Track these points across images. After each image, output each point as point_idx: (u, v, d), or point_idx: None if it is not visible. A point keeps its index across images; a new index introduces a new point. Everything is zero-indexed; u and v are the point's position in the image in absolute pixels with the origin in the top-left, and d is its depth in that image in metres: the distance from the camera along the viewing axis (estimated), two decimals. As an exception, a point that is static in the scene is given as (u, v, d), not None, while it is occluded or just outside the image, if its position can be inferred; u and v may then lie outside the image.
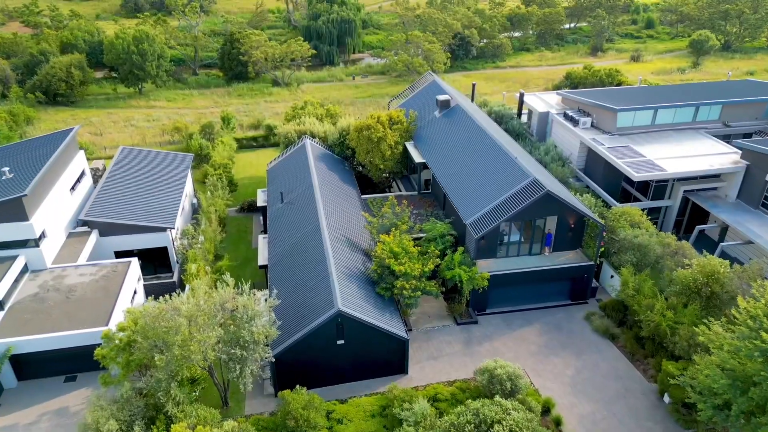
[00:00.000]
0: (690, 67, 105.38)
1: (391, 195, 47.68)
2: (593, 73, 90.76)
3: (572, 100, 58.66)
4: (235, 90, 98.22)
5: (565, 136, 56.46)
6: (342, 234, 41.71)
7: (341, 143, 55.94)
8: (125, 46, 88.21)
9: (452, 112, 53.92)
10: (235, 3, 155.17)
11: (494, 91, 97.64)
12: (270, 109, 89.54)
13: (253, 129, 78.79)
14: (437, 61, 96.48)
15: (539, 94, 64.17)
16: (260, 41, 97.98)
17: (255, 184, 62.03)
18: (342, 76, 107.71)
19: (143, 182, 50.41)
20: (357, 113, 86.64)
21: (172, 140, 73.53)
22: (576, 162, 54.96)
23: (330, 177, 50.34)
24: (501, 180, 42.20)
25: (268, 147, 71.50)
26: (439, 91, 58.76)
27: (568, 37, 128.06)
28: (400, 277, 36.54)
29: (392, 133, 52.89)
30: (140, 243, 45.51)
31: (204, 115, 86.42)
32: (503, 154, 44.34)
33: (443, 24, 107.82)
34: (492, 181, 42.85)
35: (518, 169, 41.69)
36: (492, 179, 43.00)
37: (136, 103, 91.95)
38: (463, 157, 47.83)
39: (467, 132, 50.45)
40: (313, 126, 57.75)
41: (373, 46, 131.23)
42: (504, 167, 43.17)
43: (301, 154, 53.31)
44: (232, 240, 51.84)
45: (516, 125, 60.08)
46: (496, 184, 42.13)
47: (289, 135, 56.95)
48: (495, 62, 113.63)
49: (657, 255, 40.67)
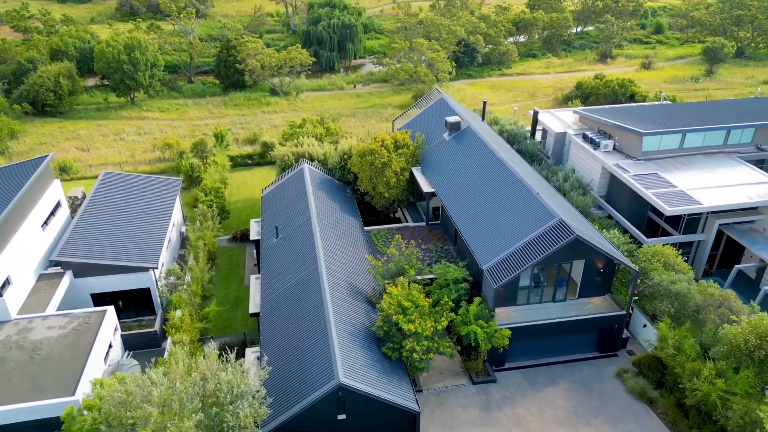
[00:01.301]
0: (703, 76, 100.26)
1: (397, 235, 42.67)
2: (605, 83, 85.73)
3: (591, 120, 53.63)
4: (231, 99, 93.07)
5: (585, 160, 51.45)
6: (343, 278, 36.74)
7: (342, 167, 50.95)
8: (115, 54, 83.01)
9: (463, 135, 48.88)
10: (234, 6, 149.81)
11: (501, 101, 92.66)
12: (267, 121, 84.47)
13: (249, 144, 73.74)
14: (442, 70, 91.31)
15: (554, 112, 59.11)
16: (257, 48, 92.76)
17: (249, 207, 57.03)
18: (343, 84, 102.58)
19: (125, 213, 45.40)
20: (358, 126, 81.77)
21: (163, 157, 68.45)
22: (597, 189, 49.96)
23: (330, 207, 45.35)
24: (521, 218, 37.22)
25: (264, 165, 66.43)
26: (447, 110, 53.73)
27: (575, 43, 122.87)
28: (409, 336, 31.60)
29: (398, 159, 47.88)
30: (120, 284, 40.54)
31: (198, 128, 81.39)
32: (523, 188, 39.32)
33: (447, 30, 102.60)
34: (511, 218, 37.87)
35: (541, 207, 36.68)
36: (511, 216, 38.01)
37: (127, 113, 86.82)
38: (476, 187, 42.82)
39: (480, 158, 45.43)
40: (312, 148, 52.73)
41: (375, 51, 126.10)
42: (524, 203, 38.16)
43: (299, 180, 48.30)
44: (222, 275, 46.86)
45: (530, 146, 55.05)
46: (516, 223, 37.15)
47: (286, 158, 51.90)
48: (501, 69, 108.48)
49: (697, 304, 35.77)
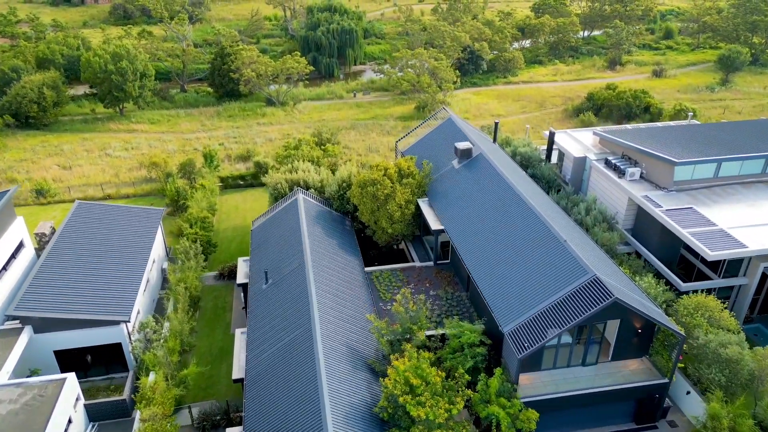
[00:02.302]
0: (719, 85, 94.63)
1: (404, 289, 37.24)
2: (618, 94, 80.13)
3: (613, 143, 48.08)
4: (225, 110, 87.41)
5: (608, 189, 45.92)
6: (340, 340, 31.28)
7: (341, 196, 45.46)
8: (102, 64, 77.35)
9: (474, 164, 43.35)
10: (231, 9, 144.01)
11: (509, 112, 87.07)
12: (263, 134, 78.89)
13: (242, 161, 68.17)
14: (446, 80, 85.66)
15: (571, 132, 53.55)
16: (252, 57, 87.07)
17: (239, 237, 51.53)
18: (342, 93, 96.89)
19: (97, 253, 39.90)
20: (358, 140, 76.22)
21: (149, 176, 62.88)
22: (622, 222, 44.45)
23: (326, 246, 39.86)
24: (547, 270, 31.73)
25: (257, 186, 60.87)
26: (455, 131, 48.21)
27: (583, 48, 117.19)
28: (418, 424, 26.17)
29: (402, 189, 42.35)
30: (87, 340, 35.12)
31: (188, 142, 75.81)
32: (548, 233, 33.81)
33: (451, 37, 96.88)
34: (534, 269, 32.39)
35: (571, 260, 31.19)
36: (534, 267, 32.53)
37: (115, 126, 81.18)
38: (492, 227, 37.33)
39: (495, 192, 39.91)
40: (308, 174, 47.19)
41: (375, 57, 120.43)
42: (550, 251, 32.68)
43: (293, 212, 42.79)
44: (206, 320, 41.39)
45: (546, 171, 49.51)
46: (541, 276, 31.68)
47: (279, 186, 46.37)
48: (506, 77, 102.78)
49: (751, 372, 30.37)
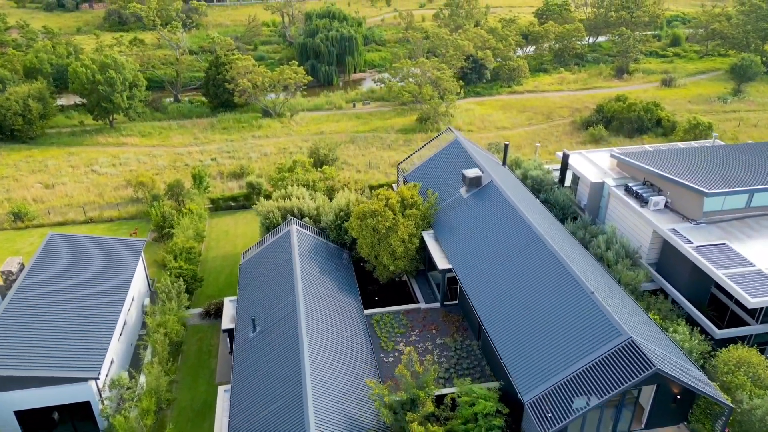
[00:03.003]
0: (731, 95, 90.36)
1: (408, 348, 33.02)
2: (629, 107, 75.87)
3: (633, 168, 43.80)
4: (220, 122, 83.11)
5: (629, 219, 41.65)
6: (335, 408, 27.02)
7: (338, 226, 41.20)
8: (89, 74, 73.05)
9: (484, 193, 39.09)
10: (228, 15, 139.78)
11: (514, 124, 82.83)
12: (258, 148, 74.61)
13: (235, 179, 63.86)
14: (449, 91, 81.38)
15: (586, 153, 49.25)
16: (248, 66, 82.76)
17: (229, 267, 47.22)
18: (341, 103, 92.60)
19: (68, 294, 35.66)
20: (358, 155, 71.99)
21: (135, 196, 58.58)
22: (646, 256, 40.19)
23: (321, 286, 35.61)
24: (572, 325, 27.50)
25: (249, 208, 56.53)
26: (463, 155, 43.97)
27: (588, 56, 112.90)
28: None
29: (405, 222, 38.10)
30: (51, 399, 30.87)
31: (180, 157, 71.52)
32: (572, 281, 29.54)
33: (454, 45, 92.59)
34: (557, 323, 28.15)
35: (599, 315, 26.94)
36: (557, 320, 28.29)
37: (104, 139, 76.86)
38: (505, 268, 33.09)
39: (509, 227, 35.67)
40: (302, 202, 42.89)
41: (376, 65, 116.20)
42: (575, 303, 28.43)
43: (285, 247, 38.52)
44: (189, 368, 37.09)
45: (560, 197, 45.21)
46: (565, 332, 27.44)
47: (272, 215, 42.08)
48: (511, 86, 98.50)
49: (808, 447, 26.13)
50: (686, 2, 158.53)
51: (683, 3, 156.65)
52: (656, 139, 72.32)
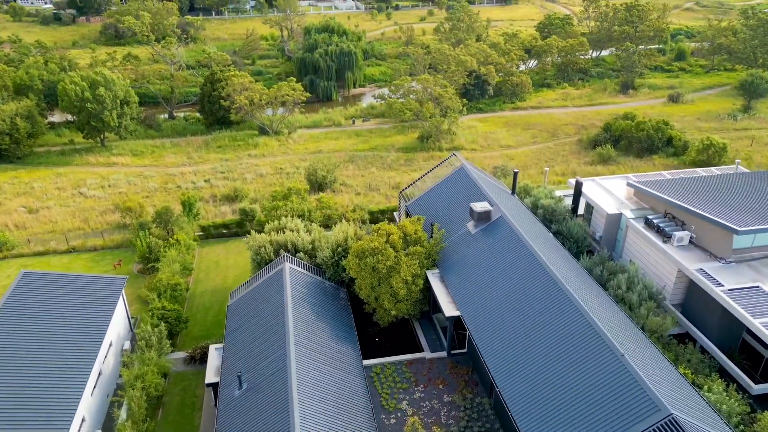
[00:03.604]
0: (740, 112, 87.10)
1: (413, 418, 29.32)
2: (638, 125, 72.47)
3: (653, 198, 40.30)
4: (215, 140, 79.80)
5: (650, 255, 38.09)
6: (331, 488, 23.38)
7: (336, 263, 37.64)
8: (78, 92, 69.74)
9: (494, 230, 35.55)
10: (227, 29, 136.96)
11: (519, 143, 79.47)
12: (253, 168, 71.16)
13: (228, 202, 60.34)
14: (451, 109, 78.08)
15: (600, 181, 45.74)
16: (244, 83, 79.53)
17: (218, 303, 43.54)
18: (340, 120, 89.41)
19: (38, 341, 32.00)
20: (357, 175, 68.53)
21: (123, 222, 55.09)
22: (670, 297, 36.61)
23: (316, 333, 31.99)
24: (600, 393, 23.85)
25: (242, 236, 52.95)
26: (469, 184, 40.48)
27: (592, 71, 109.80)
28: None
29: (409, 261, 34.54)
30: (10, 469, 27.21)
31: (172, 178, 68.06)
32: (597, 339, 25.90)
33: (457, 61, 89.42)
34: (581, 386, 24.51)
35: (632, 384, 23.31)
36: (581, 383, 24.65)
37: (94, 158, 73.47)
38: (519, 317, 29.48)
39: (522, 269, 32.10)
40: (297, 236, 39.32)
41: (375, 79, 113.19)
42: (602, 367, 24.79)
43: (277, 288, 34.91)
44: (170, 423, 33.30)
45: (574, 229, 41.63)
46: (592, 400, 23.80)
47: (263, 251, 38.50)
48: (514, 102, 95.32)
49: None
50: (689, 16, 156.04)
51: (686, 17, 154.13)
52: (667, 160, 68.93)
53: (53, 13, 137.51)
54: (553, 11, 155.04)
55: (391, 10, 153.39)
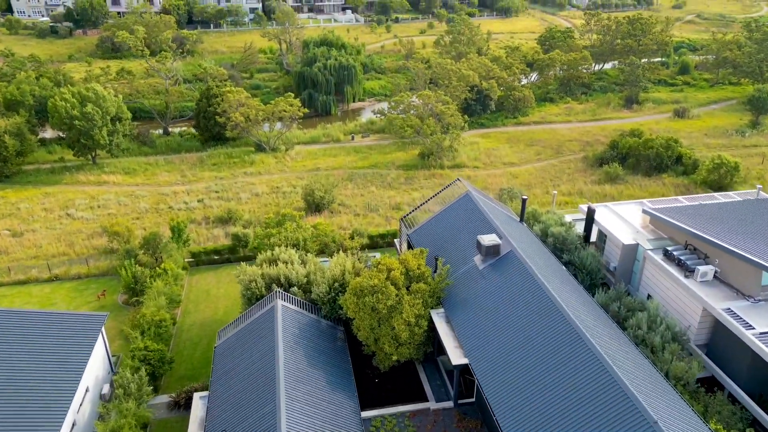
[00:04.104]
0: (749, 128, 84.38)
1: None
2: (645, 143, 69.64)
3: (671, 228, 37.32)
4: (210, 157, 76.92)
5: (670, 291, 35.07)
6: None
7: (332, 300, 34.59)
8: (67, 109, 66.95)
9: (504, 265, 32.55)
10: (225, 42, 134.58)
11: (522, 160, 76.62)
12: (249, 187, 68.22)
13: (221, 225, 57.34)
14: (453, 126, 75.32)
15: (613, 207, 42.78)
16: (240, 99, 76.79)
17: (207, 338, 40.41)
18: (339, 136, 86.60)
19: (4, 389, 28.94)
20: (356, 195, 65.65)
21: (110, 247, 52.06)
22: (694, 336, 33.55)
23: (309, 381, 28.89)
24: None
25: (234, 262, 49.88)
26: (475, 212, 37.54)
27: (595, 85, 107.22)
28: None
29: (411, 300, 31.50)
30: None
31: (165, 198, 65.11)
32: (627, 403, 22.83)
33: (458, 76, 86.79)
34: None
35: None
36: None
37: (85, 177, 70.52)
38: (535, 369, 26.41)
39: (535, 312, 29.07)
40: (290, 269, 36.28)
41: (375, 93, 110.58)
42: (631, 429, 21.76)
43: (268, 329, 31.84)
44: (151, 480, 30.20)
45: (587, 260, 38.65)
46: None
47: (254, 286, 35.45)
48: (516, 117, 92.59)
49: None
50: (691, 29, 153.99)
51: (688, 29, 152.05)
52: (677, 179, 66.03)
53: (50, 26, 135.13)
54: (553, 24, 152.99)
55: (390, 23, 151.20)
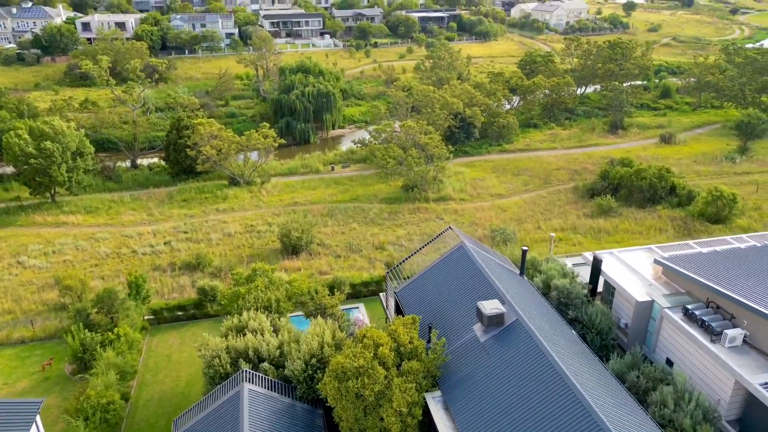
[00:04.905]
0: (737, 153, 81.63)
1: None
2: (638, 173, 65.97)
3: (688, 281, 32.88)
4: (179, 192, 71.25)
5: (694, 357, 30.48)
6: None
7: (309, 378, 29.24)
8: (21, 147, 60.96)
9: (509, 337, 27.62)
10: (200, 68, 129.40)
11: (510, 191, 72.45)
12: (221, 226, 62.66)
13: (189, 272, 51.66)
14: (437, 157, 70.99)
15: (619, 254, 38.29)
16: (212, 131, 71.51)
17: (167, 415, 34.53)
18: (318, 166, 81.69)
19: None
20: (336, 233, 60.50)
21: (60, 302, 46.00)
22: (725, 411, 28.91)
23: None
24: None
25: (201, 319, 44.31)
26: (471, 269, 32.69)
27: (578, 110, 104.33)
28: None
29: (403, 383, 26.29)
30: None
31: (128, 240, 59.20)
32: None
33: (441, 103, 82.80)
34: None
35: None
36: None
37: (42, 217, 64.23)
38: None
39: (547, 396, 24.12)
40: (260, 340, 30.85)
41: (355, 120, 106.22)
42: None
43: (232, 420, 26.35)
44: None
45: (596, 318, 33.99)
46: None
47: (218, 362, 29.91)
48: (501, 144, 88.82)
49: None
50: (668, 51, 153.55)
51: (665, 52, 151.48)
52: (673, 212, 62.29)
53: (17, 53, 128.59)
54: (532, 47, 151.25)
55: (369, 48, 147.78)
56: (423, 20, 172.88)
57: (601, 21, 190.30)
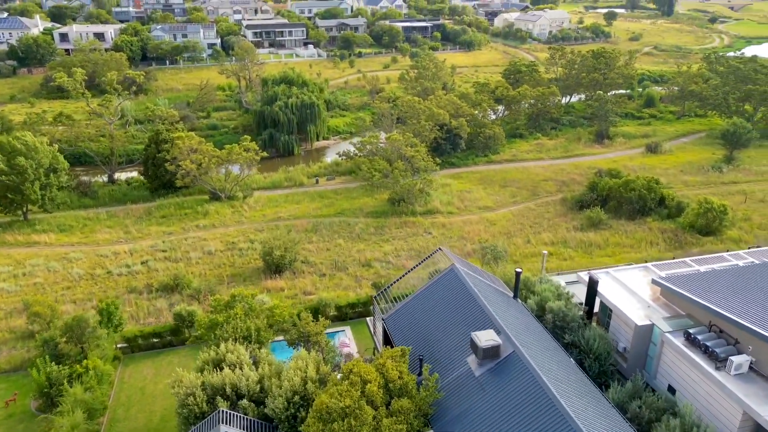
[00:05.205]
0: (723, 162, 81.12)
1: None
2: (626, 184, 64.83)
3: (689, 303, 31.32)
4: (158, 208, 68.54)
5: (698, 385, 28.82)
6: None
7: (292, 417, 27.02)
8: (-10, 163, 58.11)
9: (505, 371, 25.69)
10: (181, 79, 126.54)
11: (497, 203, 70.93)
12: (201, 244, 60.16)
13: (166, 294, 49.11)
14: (424, 170, 69.26)
15: (616, 273, 36.70)
16: (192, 145, 69.03)
17: (140, 456, 32.14)
18: (303, 179, 79.55)
19: None
20: (321, 250, 58.35)
21: (28, 330, 43.15)
22: (733, 444, 27.29)
23: None
24: None
25: (177, 346, 41.80)
26: (463, 294, 30.80)
27: (563, 119, 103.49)
28: None
29: (393, 424, 24.21)
30: None
31: (103, 260, 56.48)
32: None
33: (427, 115, 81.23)
34: None
35: None
36: None
37: (12, 237, 61.19)
38: None
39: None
40: (239, 375, 28.57)
41: (340, 131, 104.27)
42: None
43: (207, 468, 24.07)
44: None
45: (593, 342, 32.23)
46: None
47: (192, 401, 27.55)
48: (487, 155, 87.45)
49: None
50: (649, 60, 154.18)
51: (646, 61, 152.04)
52: (663, 223, 61.14)
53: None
54: (516, 56, 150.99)
55: (354, 58, 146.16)
56: (407, 30, 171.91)
57: (583, 30, 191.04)
